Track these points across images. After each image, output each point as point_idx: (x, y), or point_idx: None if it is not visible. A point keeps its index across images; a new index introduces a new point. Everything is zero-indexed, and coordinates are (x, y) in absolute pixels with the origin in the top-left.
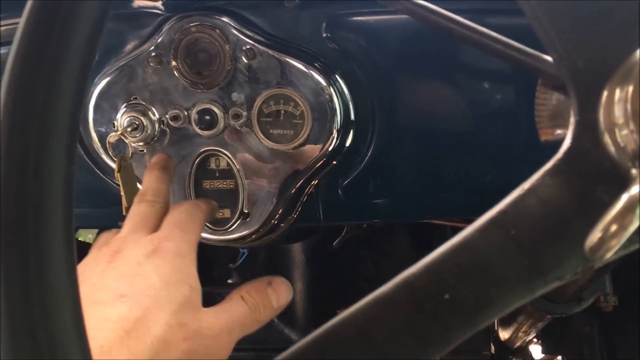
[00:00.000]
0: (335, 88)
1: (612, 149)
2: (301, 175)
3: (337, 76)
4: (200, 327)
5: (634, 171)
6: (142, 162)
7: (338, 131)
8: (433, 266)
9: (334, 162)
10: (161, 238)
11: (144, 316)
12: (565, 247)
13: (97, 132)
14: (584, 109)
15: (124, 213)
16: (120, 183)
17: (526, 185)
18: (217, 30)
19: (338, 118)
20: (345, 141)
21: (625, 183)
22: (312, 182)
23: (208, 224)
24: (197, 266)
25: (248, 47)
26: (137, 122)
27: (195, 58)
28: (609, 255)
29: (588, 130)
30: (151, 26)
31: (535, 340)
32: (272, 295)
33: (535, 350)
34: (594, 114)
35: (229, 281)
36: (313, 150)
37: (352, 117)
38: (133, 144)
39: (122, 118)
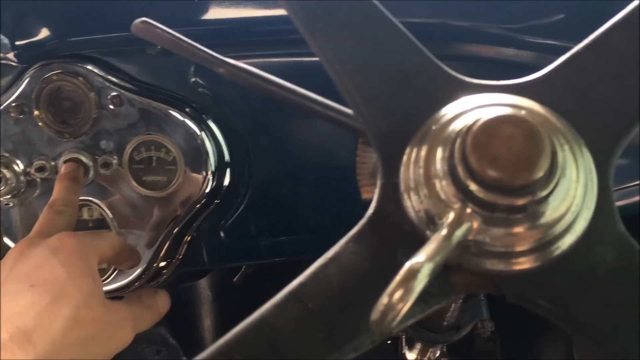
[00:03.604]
0: (207, 132)
1: (411, 212)
2: (179, 220)
3: (208, 120)
4: (106, 312)
5: (429, 234)
6: (10, 216)
7: (213, 173)
8: (224, 348)
9: (216, 201)
10: (67, 235)
11: (54, 300)
12: (362, 316)
13: None
14: (387, 172)
15: None
16: None
17: (329, 253)
18: (81, 78)
19: (211, 161)
20: (222, 182)
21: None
22: (193, 226)
23: None
24: None
25: (114, 94)
26: (0, 176)
27: (59, 107)
28: (397, 321)
29: (390, 193)
30: (11, 75)
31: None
32: (159, 301)
33: None
34: (395, 177)
35: None
36: (189, 194)
37: (227, 158)
38: None
39: None
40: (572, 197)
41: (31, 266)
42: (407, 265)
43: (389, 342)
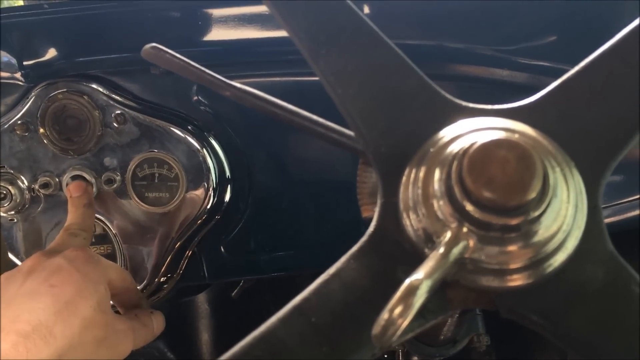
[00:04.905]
0: (209, 149)
1: (410, 230)
2: (181, 235)
3: (210, 137)
4: (114, 320)
5: (427, 252)
6: (13, 231)
7: (214, 190)
8: None
9: (217, 217)
10: (82, 249)
11: (72, 300)
12: (363, 330)
13: None
14: (387, 191)
15: None
16: None
17: (332, 269)
18: (85, 97)
19: (213, 177)
20: (223, 198)
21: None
22: (194, 241)
23: None
24: None
25: (118, 112)
26: (5, 192)
27: (64, 124)
28: (397, 336)
29: (390, 212)
30: (17, 93)
31: None
32: (154, 322)
33: None
34: (395, 197)
35: None
36: (190, 210)
37: (228, 174)
38: (2, 214)
39: None
40: (563, 216)
41: (49, 271)
42: (407, 282)
43: (385, 355)
